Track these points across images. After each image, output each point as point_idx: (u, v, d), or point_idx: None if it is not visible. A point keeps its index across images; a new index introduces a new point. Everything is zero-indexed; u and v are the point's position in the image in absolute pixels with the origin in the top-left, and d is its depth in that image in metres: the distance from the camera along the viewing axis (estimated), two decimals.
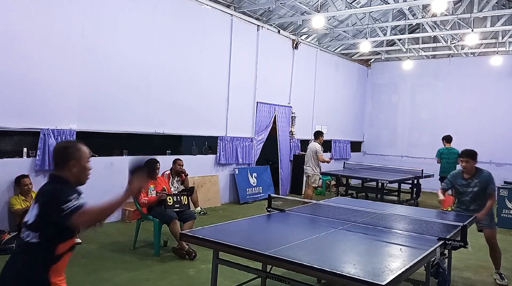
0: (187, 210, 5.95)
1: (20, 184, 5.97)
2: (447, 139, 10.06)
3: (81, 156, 2.57)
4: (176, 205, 5.84)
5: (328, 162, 9.44)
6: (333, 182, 12.16)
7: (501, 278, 5.16)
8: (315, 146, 9.01)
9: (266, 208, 4.73)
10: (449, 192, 5.61)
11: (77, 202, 2.31)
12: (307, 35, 12.21)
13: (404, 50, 13.42)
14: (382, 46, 14.12)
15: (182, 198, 5.96)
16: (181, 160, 6.85)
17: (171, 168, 6.67)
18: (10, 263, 2.39)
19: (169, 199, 5.83)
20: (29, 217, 2.33)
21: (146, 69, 7.79)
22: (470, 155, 5.03)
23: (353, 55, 14.77)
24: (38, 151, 6.31)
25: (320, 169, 9.20)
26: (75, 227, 2.34)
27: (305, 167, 9.26)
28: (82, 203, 2.34)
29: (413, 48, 13.51)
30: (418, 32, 12.80)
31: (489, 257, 5.25)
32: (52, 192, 2.39)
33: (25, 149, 6.33)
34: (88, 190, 7.59)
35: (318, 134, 9.31)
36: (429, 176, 10.81)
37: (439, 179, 9.54)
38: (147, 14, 7.77)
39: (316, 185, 9.38)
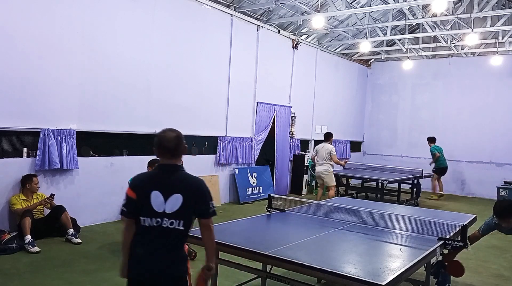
0: None
1: (31, 182, 6.02)
2: (432, 140, 11.88)
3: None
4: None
5: (342, 165, 9.54)
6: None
7: None
8: (329, 147, 8.97)
9: (266, 208, 4.73)
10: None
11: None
12: (307, 35, 12.21)
13: (404, 50, 13.42)
14: (382, 46, 14.12)
15: None
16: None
17: None
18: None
19: None
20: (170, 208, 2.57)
21: (146, 69, 7.79)
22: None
23: (353, 55, 14.77)
24: (38, 151, 6.31)
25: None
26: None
27: (318, 168, 9.07)
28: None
29: (413, 48, 13.51)
30: (418, 32, 12.80)
31: (490, 257, 5.24)
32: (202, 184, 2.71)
33: (25, 149, 6.33)
34: (88, 190, 7.60)
35: (329, 136, 9.30)
36: (429, 176, 10.81)
37: (435, 171, 11.07)
38: (147, 14, 7.77)
39: (334, 184, 9.22)
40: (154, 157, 6.44)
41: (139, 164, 7.38)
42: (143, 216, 2.57)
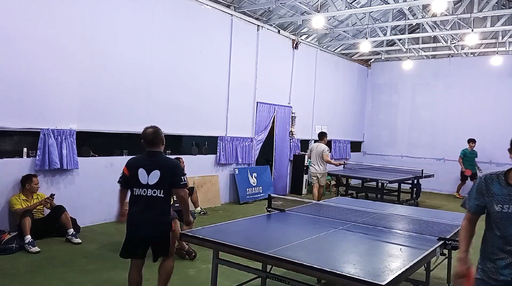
0: None
1: (31, 182, 6.01)
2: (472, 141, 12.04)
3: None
4: (176, 204, 5.86)
5: (336, 164, 9.80)
6: (333, 182, 12.16)
7: None
8: (321, 147, 9.17)
9: (266, 208, 4.73)
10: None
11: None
12: (307, 35, 12.21)
13: (404, 50, 13.42)
14: (382, 46, 14.12)
15: None
16: (181, 158, 7.06)
17: None
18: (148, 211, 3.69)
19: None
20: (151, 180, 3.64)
21: (146, 69, 7.79)
22: None
23: (353, 55, 14.77)
24: (38, 151, 6.31)
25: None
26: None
27: (311, 168, 9.41)
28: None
29: (413, 48, 13.51)
30: (418, 32, 12.80)
31: None
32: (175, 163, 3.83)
33: (25, 149, 6.33)
34: (88, 190, 7.60)
35: (322, 135, 9.48)
36: (429, 176, 10.81)
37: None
38: (147, 14, 7.77)
39: (324, 184, 9.56)
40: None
41: None
42: (134, 187, 3.67)
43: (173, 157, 7.30)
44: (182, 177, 3.73)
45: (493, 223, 2.59)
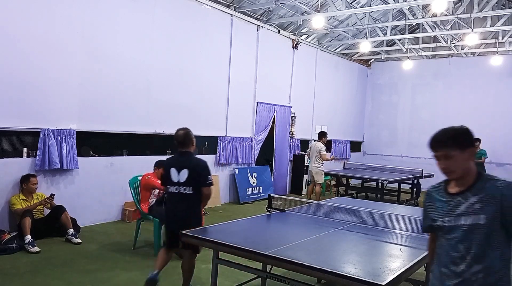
0: None
1: (28, 182, 6.00)
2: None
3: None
4: None
5: (330, 160, 10.09)
6: (333, 182, 12.16)
7: None
8: (319, 145, 9.49)
9: (266, 208, 4.73)
10: None
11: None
12: (307, 35, 12.21)
13: (404, 50, 13.42)
14: (382, 46, 14.12)
15: None
16: None
17: None
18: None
19: None
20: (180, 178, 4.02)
21: (146, 69, 7.79)
22: (452, 138, 2.13)
23: (353, 55, 14.77)
24: (38, 151, 6.31)
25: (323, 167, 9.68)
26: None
27: (310, 166, 9.81)
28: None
29: (413, 48, 13.51)
30: (418, 32, 12.80)
31: None
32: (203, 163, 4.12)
33: (25, 149, 6.33)
34: (88, 190, 7.59)
35: (321, 135, 9.81)
36: (429, 176, 10.80)
37: None
38: (147, 14, 7.77)
39: (322, 182, 9.76)
40: (158, 158, 6.50)
41: (139, 164, 7.41)
42: (168, 185, 4.09)
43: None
44: (208, 177, 4.04)
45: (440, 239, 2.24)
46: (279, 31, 11.05)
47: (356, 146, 15.39)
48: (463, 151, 2.09)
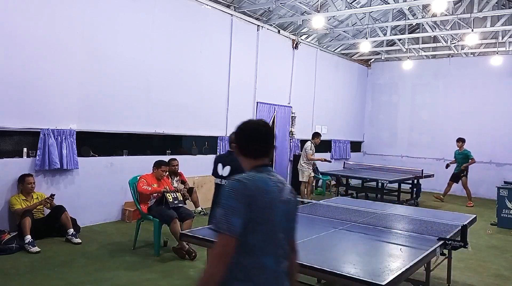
0: (184, 207, 6.03)
1: (24, 182, 5.99)
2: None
3: None
4: (175, 202, 5.92)
5: (320, 160, 10.08)
6: (333, 182, 12.15)
7: None
8: (307, 144, 9.78)
9: None
10: None
11: None
12: (307, 35, 12.21)
13: (404, 50, 13.42)
14: (382, 46, 14.12)
15: (177, 194, 6.09)
16: (175, 160, 7.15)
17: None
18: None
19: (169, 196, 5.89)
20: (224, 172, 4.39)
21: (146, 69, 7.79)
22: None
23: (353, 55, 14.77)
24: (38, 151, 6.30)
25: (311, 167, 9.81)
26: None
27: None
28: None
29: (413, 48, 13.50)
30: (418, 32, 12.79)
31: (490, 257, 5.23)
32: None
33: (25, 149, 6.33)
34: (88, 189, 7.58)
35: (314, 135, 10.02)
36: (429, 176, 10.81)
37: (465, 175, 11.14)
38: (147, 14, 7.77)
39: (306, 181, 9.78)
40: (158, 158, 6.51)
41: (139, 164, 7.40)
42: (216, 177, 4.47)
43: (172, 157, 7.36)
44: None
45: None
46: (279, 31, 11.05)
47: (356, 146, 15.38)
48: None
